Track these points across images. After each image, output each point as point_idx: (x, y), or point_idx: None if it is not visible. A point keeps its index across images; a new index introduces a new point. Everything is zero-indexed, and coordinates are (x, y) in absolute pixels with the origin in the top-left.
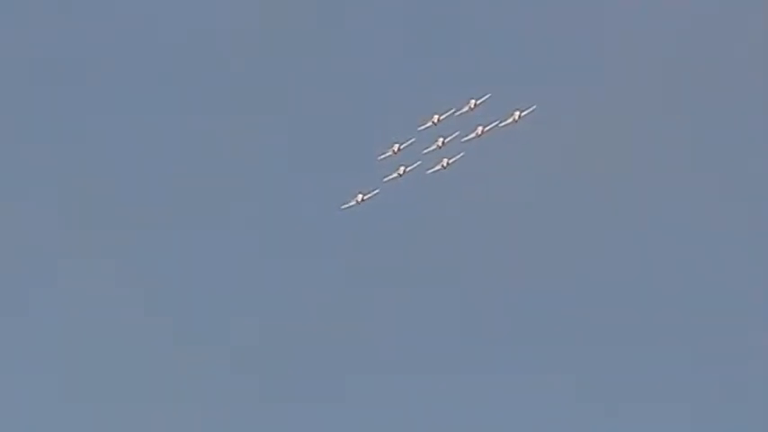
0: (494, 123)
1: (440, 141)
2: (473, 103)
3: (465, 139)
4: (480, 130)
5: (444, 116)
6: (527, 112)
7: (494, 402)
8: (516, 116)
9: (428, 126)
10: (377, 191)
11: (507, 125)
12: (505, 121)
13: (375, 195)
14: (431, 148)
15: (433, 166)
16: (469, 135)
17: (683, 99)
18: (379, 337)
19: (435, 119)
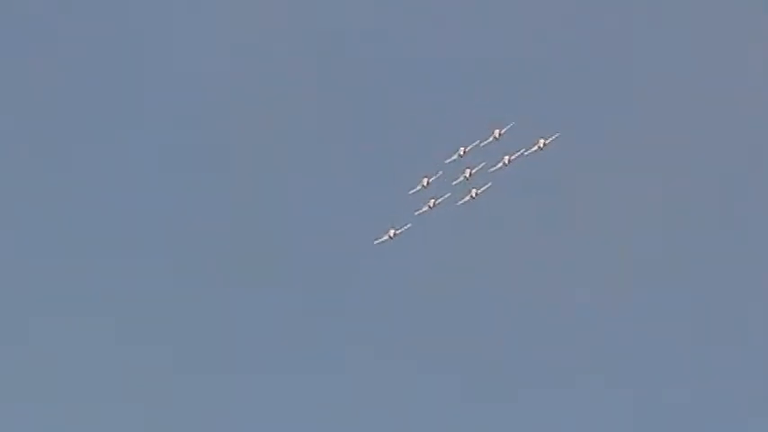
0: (519, 152)
1: (467, 173)
2: (497, 132)
3: (492, 169)
4: (507, 159)
5: (470, 147)
6: (551, 139)
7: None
8: (541, 144)
9: (454, 159)
10: (409, 225)
11: (533, 153)
12: (531, 149)
13: (407, 229)
14: (458, 180)
15: (462, 198)
16: (497, 165)
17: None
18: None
19: (462, 151)
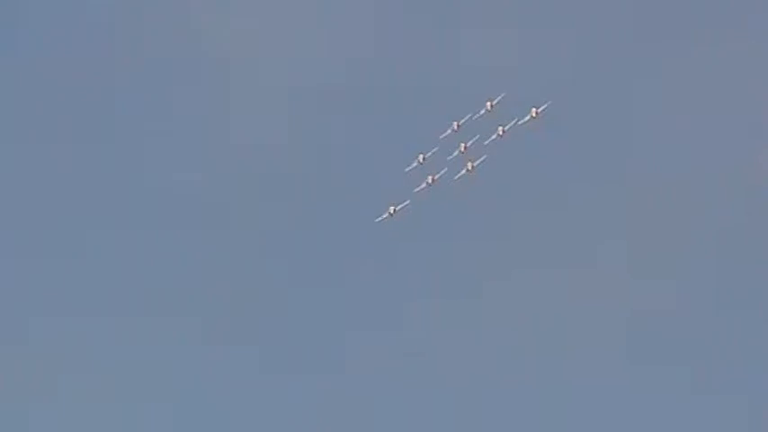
0: (513, 122)
1: (462, 147)
2: (489, 104)
3: (487, 141)
4: (501, 130)
5: (463, 121)
6: (542, 108)
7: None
8: (534, 113)
9: (449, 133)
10: (408, 201)
11: (526, 123)
12: (524, 119)
13: (407, 206)
14: (454, 155)
15: (459, 172)
16: (491, 137)
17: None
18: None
19: (455, 125)
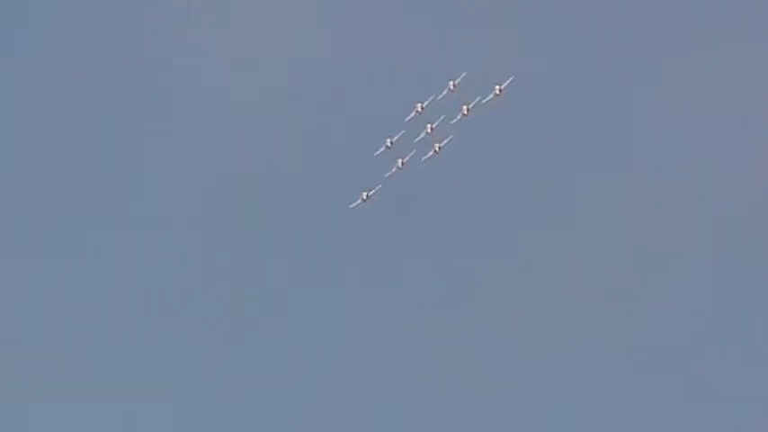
0: (476, 101)
1: (428, 128)
2: (451, 84)
3: (453, 121)
4: (465, 109)
5: (427, 102)
6: (506, 84)
7: None
8: (497, 90)
9: (413, 116)
10: (380, 186)
11: (490, 100)
12: (487, 96)
13: (379, 190)
14: (421, 136)
15: (426, 153)
16: (456, 116)
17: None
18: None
19: (419, 107)
